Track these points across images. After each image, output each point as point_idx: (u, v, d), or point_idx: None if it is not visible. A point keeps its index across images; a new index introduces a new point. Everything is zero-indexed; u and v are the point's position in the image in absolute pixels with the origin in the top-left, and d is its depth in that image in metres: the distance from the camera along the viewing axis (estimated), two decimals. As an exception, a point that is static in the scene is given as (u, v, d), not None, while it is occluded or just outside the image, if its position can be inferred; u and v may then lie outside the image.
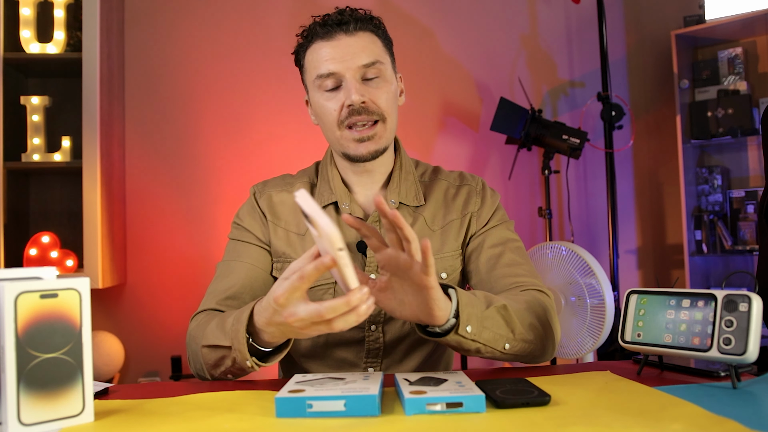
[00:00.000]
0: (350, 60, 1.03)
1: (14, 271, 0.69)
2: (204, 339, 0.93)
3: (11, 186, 2.26)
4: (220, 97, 2.66)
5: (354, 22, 1.05)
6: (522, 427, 0.64)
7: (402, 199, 1.13)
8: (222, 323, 0.91)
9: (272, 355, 0.88)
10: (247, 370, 0.89)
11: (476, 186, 1.18)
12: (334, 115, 1.06)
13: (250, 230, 1.13)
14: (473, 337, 0.85)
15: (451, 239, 1.13)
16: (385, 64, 1.07)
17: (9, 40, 2.21)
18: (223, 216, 2.59)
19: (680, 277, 2.81)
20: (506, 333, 0.89)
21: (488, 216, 1.15)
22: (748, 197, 2.73)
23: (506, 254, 1.10)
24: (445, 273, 1.12)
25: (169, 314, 2.55)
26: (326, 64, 1.04)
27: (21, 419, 0.65)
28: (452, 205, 1.15)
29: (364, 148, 1.06)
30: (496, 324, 0.88)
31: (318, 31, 1.06)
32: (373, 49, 1.06)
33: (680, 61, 2.80)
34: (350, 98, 1.03)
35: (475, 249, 1.12)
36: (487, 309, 0.87)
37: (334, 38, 1.04)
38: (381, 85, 1.06)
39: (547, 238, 2.64)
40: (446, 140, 2.85)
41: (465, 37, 2.89)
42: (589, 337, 2.02)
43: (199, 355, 0.94)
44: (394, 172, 1.15)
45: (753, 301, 0.76)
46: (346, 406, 0.69)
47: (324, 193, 1.14)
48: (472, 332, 0.84)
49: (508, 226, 1.16)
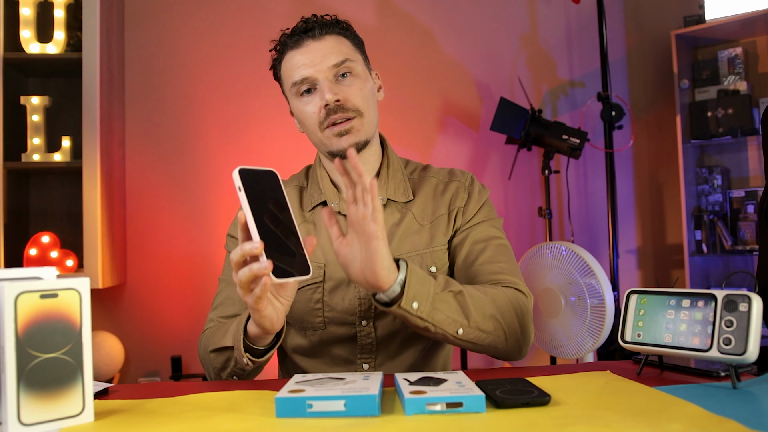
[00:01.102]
0: (320, 63, 1.06)
1: (14, 271, 0.69)
2: (212, 344, 1.02)
3: (11, 186, 2.26)
4: (220, 97, 2.66)
5: (320, 28, 1.08)
6: (522, 427, 0.64)
7: (390, 195, 1.14)
8: (228, 327, 1.00)
9: (264, 354, 0.96)
10: (246, 369, 0.95)
11: (465, 181, 1.18)
12: (314, 118, 1.08)
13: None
14: (420, 315, 0.88)
15: (440, 234, 1.14)
16: (355, 62, 1.09)
17: (9, 40, 2.21)
18: (223, 216, 2.59)
19: (680, 277, 2.81)
20: (460, 319, 0.92)
21: (474, 211, 1.16)
22: (748, 197, 2.73)
23: (487, 251, 1.11)
24: (434, 267, 1.12)
25: (169, 314, 2.55)
26: (299, 71, 1.07)
27: (21, 419, 0.65)
28: (440, 200, 1.16)
29: (345, 141, 1.08)
30: (449, 307, 0.91)
31: (287, 42, 1.10)
32: (341, 49, 1.08)
33: (680, 61, 2.80)
34: (324, 98, 1.05)
35: (459, 244, 1.13)
36: (442, 292, 0.90)
37: (303, 45, 1.08)
38: (353, 83, 1.08)
39: (547, 238, 2.64)
40: (446, 140, 2.85)
41: (465, 37, 2.89)
42: (589, 337, 2.02)
43: (209, 362, 1.03)
44: (381, 169, 1.17)
45: (753, 301, 0.76)
46: (346, 406, 0.69)
47: (314, 194, 1.17)
48: (419, 309, 0.87)
49: (494, 223, 1.16)
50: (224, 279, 1.16)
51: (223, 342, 0.98)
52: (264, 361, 0.96)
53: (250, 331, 0.92)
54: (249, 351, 0.94)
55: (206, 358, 1.05)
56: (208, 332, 1.08)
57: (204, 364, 1.07)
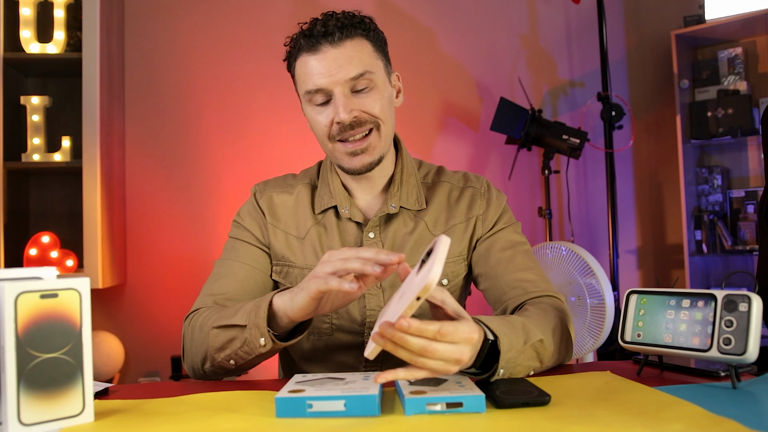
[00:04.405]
0: (337, 74, 0.99)
1: (14, 271, 0.69)
2: (216, 321, 0.93)
3: (11, 186, 2.26)
4: (220, 96, 2.66)
5: (339, 32, 0.99)
6: (522, 427, 0.64)
7: (403, 203, 1.10)
8: (238, 308, 0.92)
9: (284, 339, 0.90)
10: (254, 352, 0.89)
11: (480, 188, 1.14)
12: (324, 130, 1.03)
13: (250, 230, 1.12)
14: (501, 376, 0.82)
15: (454, 244, 1.10)
16: (375, 72, 1.02)
17: (9, 40, 2.21)
18: (223, 216, 2.59)
19: (680, 277, 2.81)
20: (535, 364, 0.88)
21: (494, 219, 1.12)
22: (748, 197, 2.73)
23: (517, 258, 1.08)
24: (446, 279, 1.10)
25: (169, 314, 2.55)
26: (313, 79, 1.00)
27: (21, 419, 0.65)
28: (455, 209, 1.12)
29: (358, 161, 1.03)
30: (528, 357, 0.86)
31: (303, 44, 1.01)
32: (361, 58, 1.00)
33: (680, 61, 2.80)
34: (339, 116, 0.99)
35: (483, 253, 1.10)
36: (524, 345, 0.84)
37: (320, 51, 0.99)
38: (372, 95, 1.02)
39: (547, 238, 2.64)
40: (446, 140, 2.85)
41: (465, 37, 2.89)
42: (589, 337, 2.02)
43: (206, 340, 0.94)
44: (395, 174, 1.12)
45: (753, 301, 0.76)
46: (346, 406, 0.69)
47: (324, 197, 1.12)
48: (504, 374, 0.82)
49: (516, 228, 1.14)
50: (222, 261, 1.11)
51: (233, 320, 0.90)
52: (278, 347, 0.89)
53: (277, 308, 0.86)
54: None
55: (201, 337, 0.95)
56: (204, 311, 1.00)
57: (193, 343, 0.97)
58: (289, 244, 1.10)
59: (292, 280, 1.09)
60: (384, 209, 1.09)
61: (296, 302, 0.83)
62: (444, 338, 0.69)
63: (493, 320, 0.83)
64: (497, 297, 1.07)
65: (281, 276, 1.11)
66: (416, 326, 0.68)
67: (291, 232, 1.11)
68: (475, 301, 1.33)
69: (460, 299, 1.16)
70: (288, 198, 1.14)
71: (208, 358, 0.95)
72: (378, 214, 1.09)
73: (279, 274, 1.11)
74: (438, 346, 0.69)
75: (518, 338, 0.83)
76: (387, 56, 1.08)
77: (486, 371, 0.81)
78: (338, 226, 1.10)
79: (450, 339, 0.70)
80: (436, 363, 0.71)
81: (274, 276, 1.11)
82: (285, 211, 1.13)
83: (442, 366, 0.71)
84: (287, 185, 1.16)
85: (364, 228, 1.09)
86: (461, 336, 0.71)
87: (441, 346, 0.70)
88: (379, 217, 1.09)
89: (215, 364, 0.94)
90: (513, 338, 0.82)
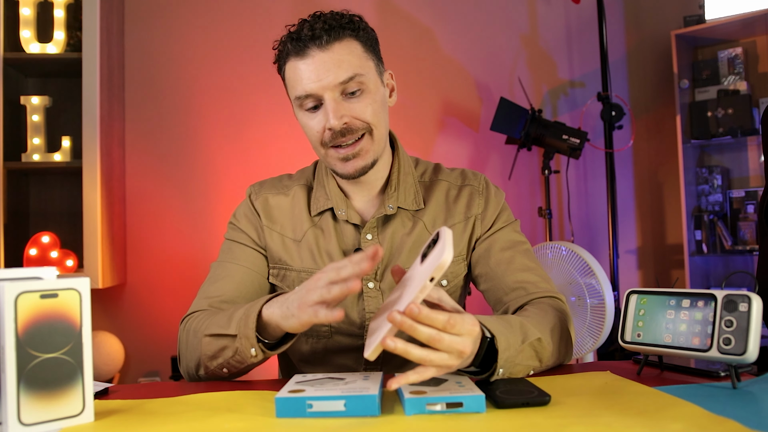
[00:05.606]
0: (326, 78, 0.97)
1: (14, 271, 0.69)
2: (208, 329, 0.93)
3: (11, 186, 2.26)
4: (220, 96, 2.66)
5: (327, 34, 0.97)
6: (522, 427, 0.64)
7: (400, 203, 1.09)
8: (230, 314, 0.91)
9: (275, 348, 0.90)
10: (246, 361, 0.89)
11: (478, 186, 1.13)
12: (317, 136, 1.02)
13: (245, 232, 1.11)
14: (500, 376, 0.82)
15: (453, 244, 1.10)
16: (366, 74, 1.00)
17: (9, 40, 2.21)
18: (222, 216, 2.58)
19: (680, 277, 2.81)
20: (534, 363, 0.88)
21: (493, 218, 1.11)
22: (748, 197, 2.73)
23: (517, 259, 1.07)
24: (445, 280, 1.09)
25: (169, 314, 2.55)
26: (303, 84, 0.98)
27: (21, 419, 0.65)
28: (454, 208, 1.11)
29: (351, 166, 1.02)
30: (527, 357, 0.86)
31: (290, 48, 0.99)
32: (351, 60, 0.98)
33: (680, 61, 2.80)
34: (330, 122, 0.98)
35: (483, 254, 1.09)
36: (522, 344, 0.84)
37: (308, 55, 0.97)
38: (364, 98, 1.00)
39: (547, 238, 2.64)
40: (446, 140, 2.85)
41: (465, 37, 2.89)
42: (589, 337, 2.02)
43: (199, 346, 0.94)
44: (392, 174, 1.10)
45: (753, 301, 0.76)
46: (346, 406, 0.69)
47: (320, 199, 1.10)
48: (503, 373, 0.82)
49: (515, 227, 1.13)
50: (218, 263, 1.10)
51: (225, 329, 0.89)
52: (269, 355, 0.90)
53: (267, 318, 0.86)
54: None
55: (195, 343, 0.94)
56: (199, 315, 0.99)
57: (188, 348, 0.97)
58: (286, 247, 1.09)
59: (290, 284, 1.09)
60: (381, 210, 1.08)
61: (286, 325, 0.84)
62: (452, 329, 0.71)
63: (490, 319, 0.83)
64: (498, 298, 1.07)
65: (278, 279, 1.10)
66: (426, 314, 0.69)
67: (287, 235, 1.10)
68: (476, 301, 1.33)
69: (460, 299, 1.15)
70: (284, 200, 1.12)
71: (201, 365, 0.94)
72: (375, 215, 1.08)
73: (276, 277, 1.10)
74: (444, 336, 0.71)
75: (516, 337, 0.83)
76: (378, 55, 1.06)
77: (485, 371, 0.81)
78: (335, 228, 1.09)
79: (457, 330, 0.71)
80: (440, 356, 0.71)
81: (271, 279, 1.11)
82: (281, 213, 1.12)
83: (446, 359, 0.72)
84: (283, 186, 1.14)
85: (361, 230, 1.08)
86: (467, 327, 0.72)
87: (447, 336, 0.71)
88: (376, 218, 1.08)
89: (208, 372, 0.94)
90: (510, 337, 0.82)
